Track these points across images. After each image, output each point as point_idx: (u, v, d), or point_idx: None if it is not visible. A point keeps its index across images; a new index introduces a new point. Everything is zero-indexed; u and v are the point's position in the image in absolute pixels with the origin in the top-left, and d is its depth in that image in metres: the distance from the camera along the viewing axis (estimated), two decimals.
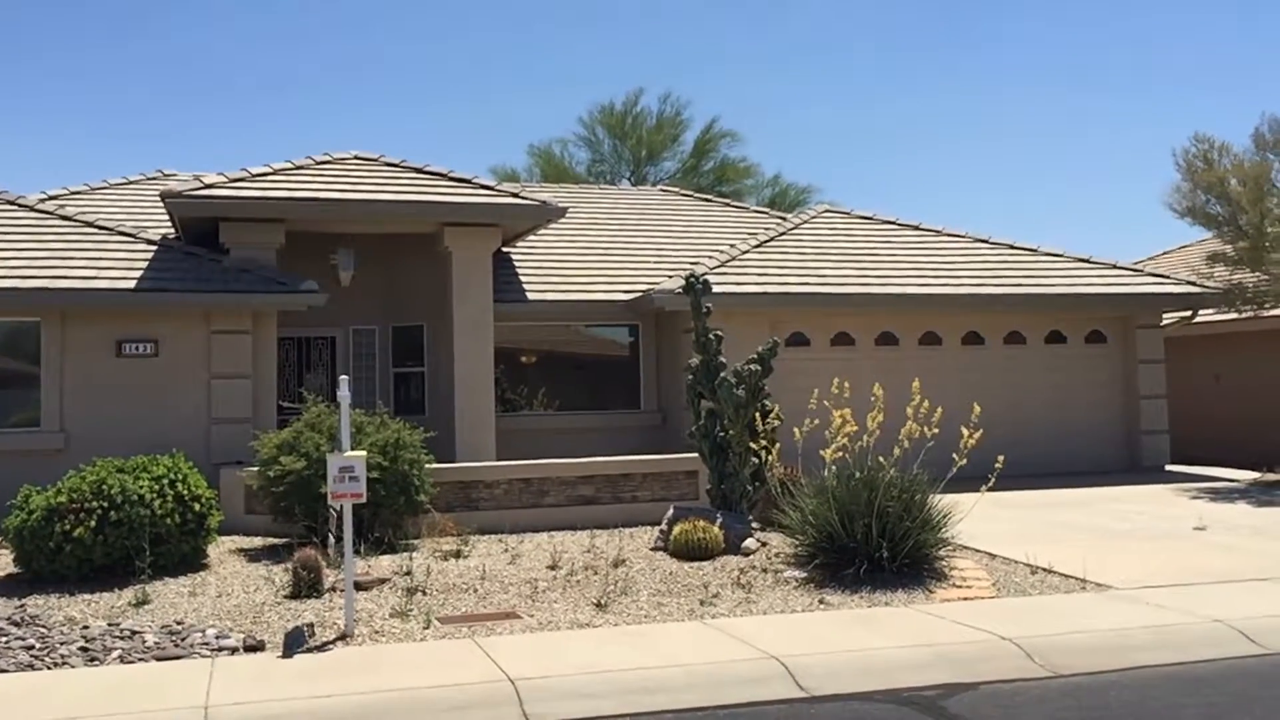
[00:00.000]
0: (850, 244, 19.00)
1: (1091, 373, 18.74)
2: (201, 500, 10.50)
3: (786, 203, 38.64)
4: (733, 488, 12.17)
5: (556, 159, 39.96)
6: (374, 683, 6.82)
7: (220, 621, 8.47)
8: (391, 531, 11.45)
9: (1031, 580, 9.72)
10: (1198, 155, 17.34)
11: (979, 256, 19.03)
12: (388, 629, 8.21)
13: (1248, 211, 16.59)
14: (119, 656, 7.56)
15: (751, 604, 8.94)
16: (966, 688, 6.95)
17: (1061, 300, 18.06)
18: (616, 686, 6.84)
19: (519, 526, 12.69)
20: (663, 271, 18.19)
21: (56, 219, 15.40)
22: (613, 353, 18.33)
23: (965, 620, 8.23)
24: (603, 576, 9.93)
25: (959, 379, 16.90)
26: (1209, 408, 20.32)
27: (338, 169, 15.60)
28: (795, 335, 17.23)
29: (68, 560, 9.67)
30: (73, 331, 13.85)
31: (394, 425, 11.81)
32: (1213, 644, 7.76)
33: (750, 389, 12.13)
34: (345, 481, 8.05)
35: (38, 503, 9.85)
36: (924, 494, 9.93)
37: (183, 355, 14.14)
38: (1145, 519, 13.18)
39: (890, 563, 9.53)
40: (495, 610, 8.82)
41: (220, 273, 14.40)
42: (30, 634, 8.03)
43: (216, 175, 14.88)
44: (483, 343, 15.62)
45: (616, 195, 25.19)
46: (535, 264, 18.12)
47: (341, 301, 15.95)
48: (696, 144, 40.23)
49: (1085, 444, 18.41)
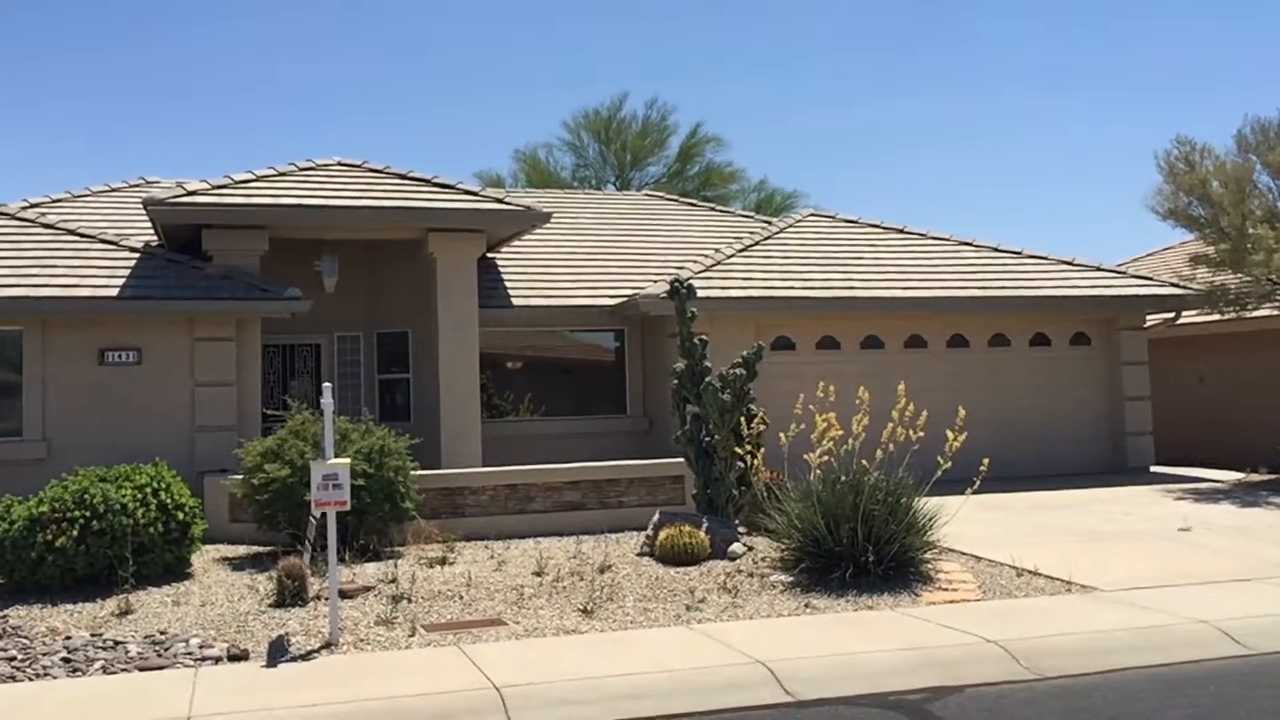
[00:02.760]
0: (835, 248, 19.02)
1: (1076, 375, 18.80)
2: (185, 509, 10.44)
3: (772, 207, 38.70)
4: (719, 492, 12.16)
5: (542, 164, 39.94)
6: (359, 691, 6.80)
7: (204, 631, 8.43)
8: (377, 539, 11.42)
9: (1017, 582, 9.75)
10: (1180, 157, 17.41)
11: (964, 259, 19.09)
12: (373, 637, 8.18)
13: (1230, 213, 16.67)
14: (101, 667, 7.52)
15: (738, 609, 8.94)
16: (952, 691, 6.96)
17: (1046, 303, 18.11)
18: (602, 693, 6.83)
19: (505, 533, 12.66)
20: (648, 276, 18.19)
21: (38, 227, 15.31)
22: (598, 358, 18.32)
23: (951, 623, 8.24)
24: (589, 582, 9.91)
25: (944, 382, 16.94)
26: (1193, 409, 20.41)
27: (321, 175, 15.55)
28: (780, 339, 17.25)
29: (50, 570, 9.59)
30: (55, 340, 13.77)
31: (379, 432, 11.78)
32: (1197, 645, 7.80)
33: (735, 393, 12.13)
34: (329, 489, 8.02)
35: (19, 513, 9.77)
36: (909, 497, 9.95)
37: (166, 363, 14.07)
38: (1130, 520, 13.23)
39: (876, 566, 9.54)
40: (481, 617, 8.79)
41: (203, 280, 14.34)
42: (12, 645, 7.98)
43: (199, 182, 14.81)
44: (468, 349, 15.60)
45: (601, 200, 25.20)
46: (520, 269, 18.09)
47: (326, 308, 15.90)
48: (682, 149, 40.26)
49: (1070, 446, 18.46)
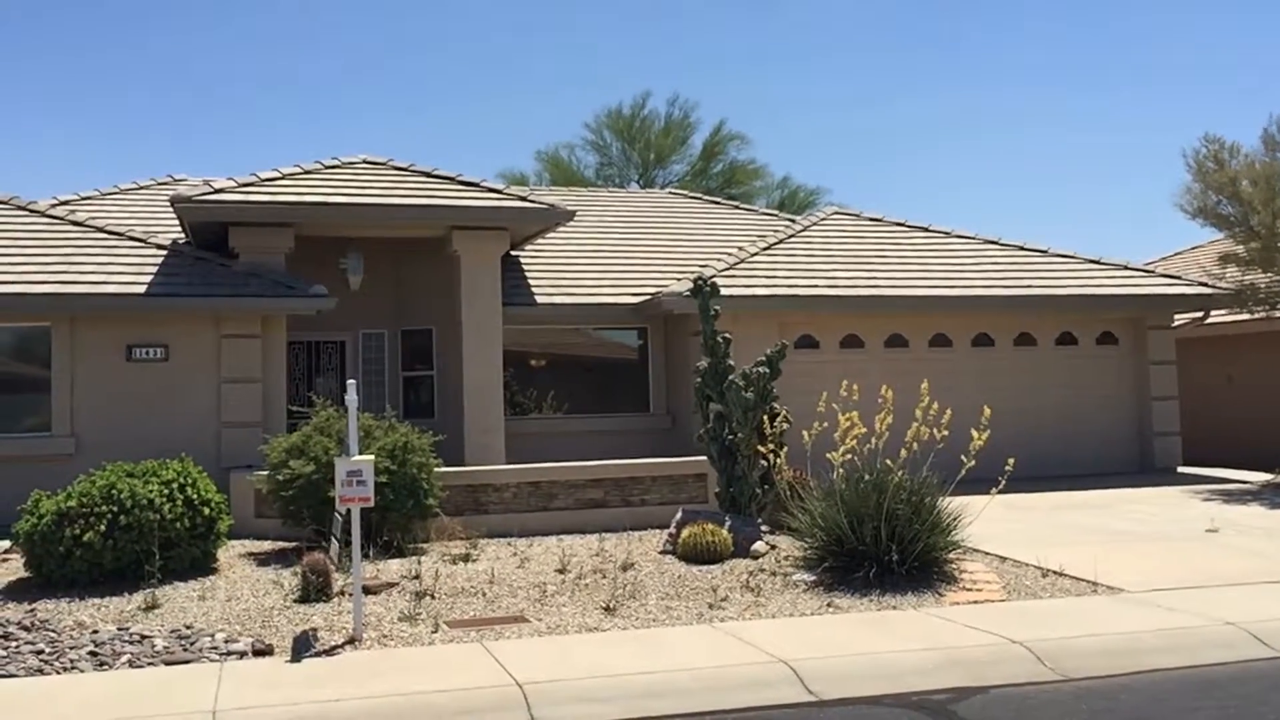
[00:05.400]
0: (859, 246, 18.95)
1: (1102, 374, 18.65)
2: (211, 504, 10.51)
3: (796, 205, 38.61)
4: (741, 491, 12.14)
5: (565, 163, 40.02)
6: (382, 687, 6.82)
7: (229, 626, 8.48)
8: (400, 535, 11.45)
9: (1042, 583, 9.68)
10: (1208, 156, 17.27)
11: (989, 258, 18.97)
12: (396, 633, 8.21)
13: (1259, 212, 16.51)
14: (128, 661, 7.57)
15: (760, 607, 8.92)
16: (976, 691, 6.92)
17: (1072, 302, 17.97)
18: (624, 690, 6.83)
19: (528, 530, 12.68)
20: (671, 274, 18.18)
21: (67, 224, 15.47)
22: (621, 356, 18.32)
23: (975, 624, 8.19)
24: (611, 580, 9.91)
25: (969, 381, 16.85)
26: (1221, 409, 20.22)
27: (347, 173, 15.63)
28: (804, 338, 17.19)
29: (77, 564, 9.68)
30: (83, 336, 13.90)
31: (402, 429, 11.82)
32: (1224, 647, 7.72)
33: (759, 392, 12.11)
34: (353, 485, 8.05)
35: (48, 507, 9.86)
36: (933, 497, 9.89)
37: (192, 359, 14.18)
38: (1157, 521, 13.11)
39: (899, 566, 9.49)
40: (503, 614, 8.81)
41: (230, 277, 14.44)
42: (40, 638, 8.05)
43: (226, 180, 14.93)
44: (491, 346, 15.64)
45: (625, 198, 25.21)
46: (544, 267, 18.12)
47: (350, 305, 15.98)
48: (705, 147, 40.25)
49: (1096, 446, 18.32)
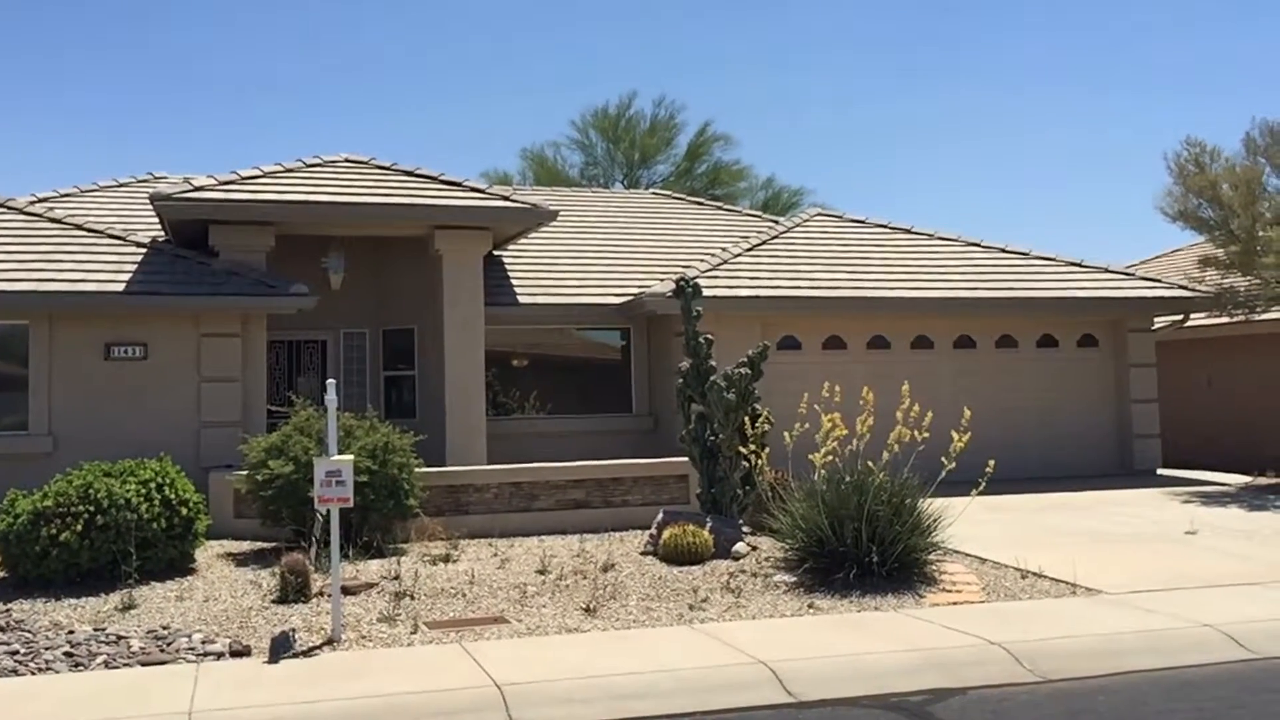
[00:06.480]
0: (842, 247, 18.97)
1: (1083, 376, 18.72)
2: (189, 504, 10.45)
3: (780, 205, 38.65)
4: (723, 492, 12.13)
5: (549, 163, 39.94)
6: (360, 688, 6.79)
7: (206, 626, 8.43)
8: (380, 536, 11.41)
9: (1021, 584, 9.71)
10: (1189, 159, 17.36)
11: (971, 260, 19.02)
12: (375, 634, 8.17)
13: (1239, 215, 16.60)
14: (104, 662, 7.52)
15: (741, 609, 8.92)
16: (955, 693, 6.93)
17: (1053, 304, 18.03)
18: (604, 691, 6.82)
19: (509, 531, 12.65)
20: (654, 275, 18.16)
21: (45, 221, 15.33)
22: (604, 356, 18.30)
23: (954, 625, 8.22)
24: (592, 581, 9.89)
25: (950, 383, 16.91)
26: (1201, 412, 20.33)
27: (328, 172, 15.55)
28: (786, 339, 17.21)
29: (54, 564, 9.61)
30: (61, 334, 13.78)
31: (383, 429, 11.77)
32: (1202, 649, 7.76)
33: (740, 392, 12.10)
34: (332, 485, 8.02)
35: (24, 507, 9.79)
36: (914, 498, 9.91)
37: (172, 358, 14.08)
38: (1136, 523, 13.17)
39: (880, 567, 9.51)
40: (483, 615, 8.78)
41: (210, 275, 14.35)
42: (15, 639, 7.99)
43: (206, 178, 14.82)
44: (473, 346, 15.59)
45: (609, 198, 25.18)
46: (527, 267, 18.08)
47: (332, 304, 15.89)
48: (690, 147, 40.22)
49: (1077, 448, 18.39)
